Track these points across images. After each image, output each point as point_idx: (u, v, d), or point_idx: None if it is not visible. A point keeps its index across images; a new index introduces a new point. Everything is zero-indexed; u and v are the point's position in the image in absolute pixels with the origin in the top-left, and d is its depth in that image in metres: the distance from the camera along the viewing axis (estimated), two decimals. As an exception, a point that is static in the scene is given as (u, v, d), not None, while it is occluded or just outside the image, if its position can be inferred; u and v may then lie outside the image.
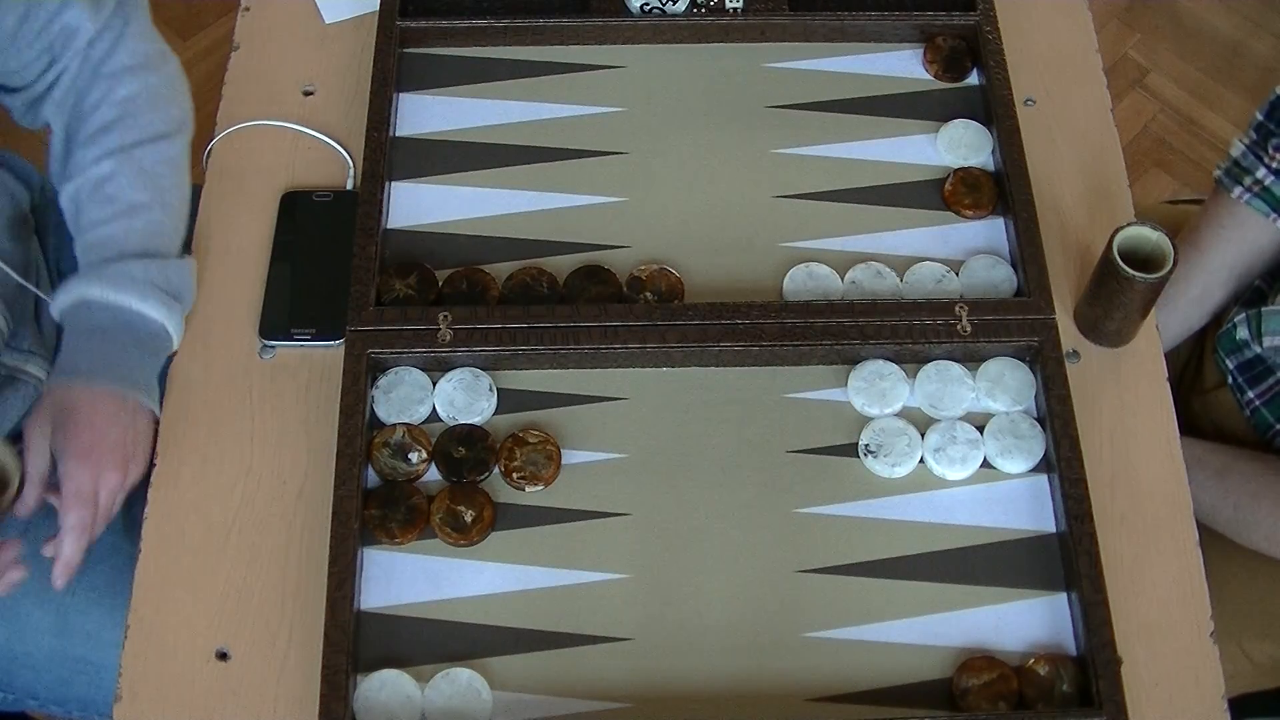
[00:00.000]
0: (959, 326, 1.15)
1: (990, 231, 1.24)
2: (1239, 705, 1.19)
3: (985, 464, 1.13)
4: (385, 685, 1.03)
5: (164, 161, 1.19)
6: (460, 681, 1.03)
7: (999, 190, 1.25)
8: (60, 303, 1.13)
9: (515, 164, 1.27)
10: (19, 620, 1.22)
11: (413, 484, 1.11)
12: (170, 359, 1.17)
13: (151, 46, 1.22)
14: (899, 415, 1.15)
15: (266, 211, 1.25)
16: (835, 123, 1.30)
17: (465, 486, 1.10)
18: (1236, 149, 1.34)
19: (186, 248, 1.21)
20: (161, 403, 1.16)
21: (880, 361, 1.16)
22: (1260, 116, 1.32)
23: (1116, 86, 2.31)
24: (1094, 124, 1.31)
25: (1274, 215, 1.31)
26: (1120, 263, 1.10)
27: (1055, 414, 1.11)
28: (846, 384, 1.16)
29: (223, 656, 1.05)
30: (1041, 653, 1.05)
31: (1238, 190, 1.32)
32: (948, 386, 1.16)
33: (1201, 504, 1.25)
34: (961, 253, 1.23)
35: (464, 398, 1.14)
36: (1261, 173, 1.31)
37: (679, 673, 1.04)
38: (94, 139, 1.18)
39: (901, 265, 1.21)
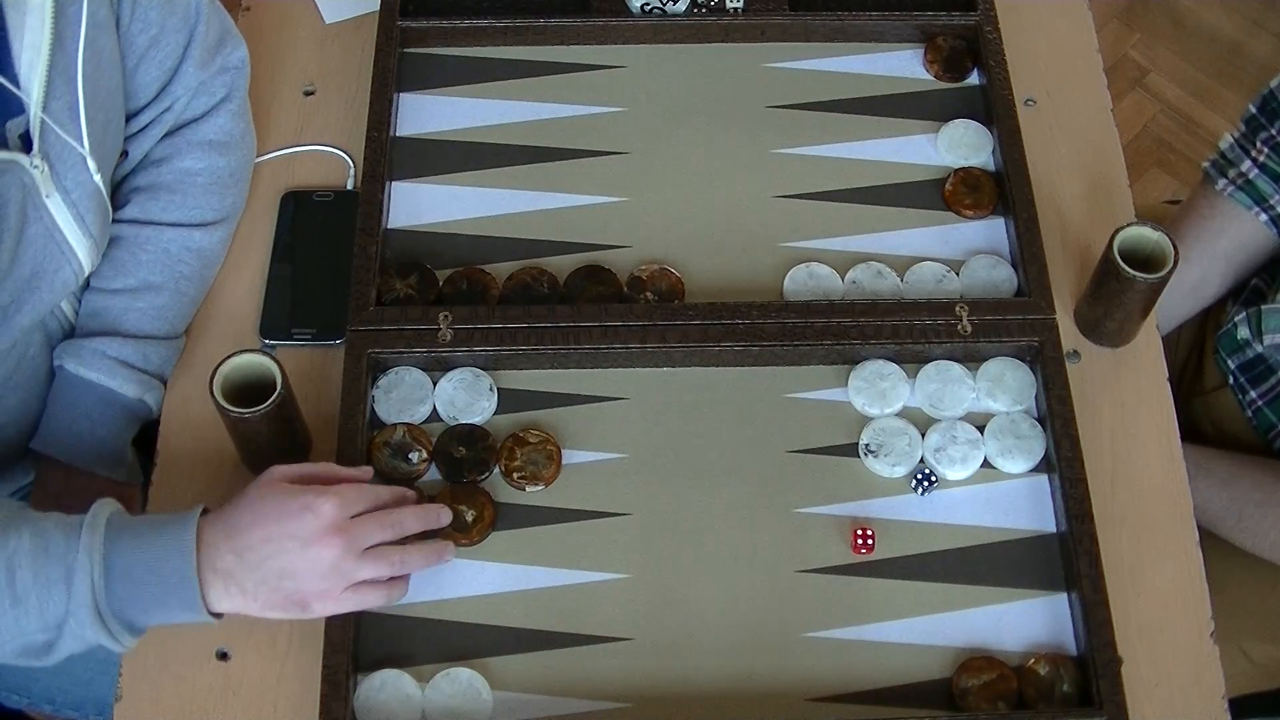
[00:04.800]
0: (959, 326, 1.15)
1: (990, 231, 1.24)
2: (1239, 705, 1.19)
3: (985, 464, 1.13)
4: (385, 685, 1.03)
5: (192, 250, 1.17)
6: (460, 681, 1.03)
7: (999, 190, 1.25)
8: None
9: (515, 164, 1.27)
10: None
11: (413, 483, 1.11)
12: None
13: (238, 126, 1.21)
14: (899, 415, 1.15)
15: (267, 211, 1.25)
16: (835, 123, 1.30)
17: (466, 486, 1.10)
18: (1225, 142, 1.35)
19: None
20: (163, 400, 1.16)
21: (880, 361, 1.16)
22: (1253, 109, 1.33)
23: (1116, 86, 2.31)
24: (1094, 124, 1.31)
25: (1256, 209, 1.31)
26: (1121, 263, 1.10)
27: (1055, 414, 1.11)
28: (846, 384, 1.16)
29: (223, 656, 1.05)
30: (1041, 653, 1.05)
31: (1221, 182, 1.33)
32: (948, 386, 1.15)
33: (1207, 512, 1.25)
34: (962, 253, 1.23)
35: (464, 397, 1.14)
36: (1246, 165, 1.31)
37: (679, 673, 1.04)
38: (136, 196, 1.17)
39: (902, 265, 1.21)
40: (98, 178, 1.08)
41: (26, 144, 1.01)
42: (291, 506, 0.96)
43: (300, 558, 0.95)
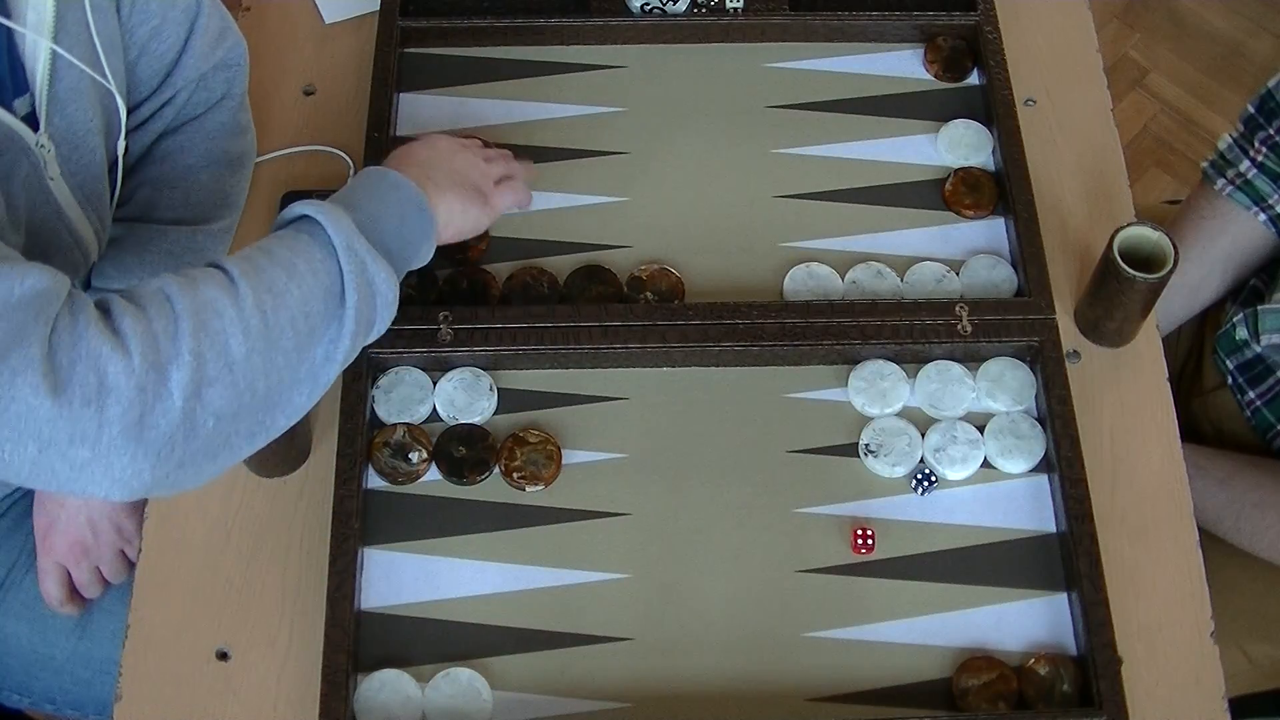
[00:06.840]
0: (959, 326, 1.15)
1: (990, 231, 1.24)
2: (1239, 706, 1.19)
3: (985, 464, 1.13)
4: (385, 685, 1.03)
5: (195, 249, 1.17)
6: (460, 681, 1.03)
7: (999, 190, 1.25)
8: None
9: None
10: (42, 621, 1.21)
11: (413, 484, 1.11)
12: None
13: (239, 123, 1.21)
14: (899, 415, 1.15)
15: (267, 211, 1.25)
16: (835, 123, 1.30)
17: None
18: (1224, 142, 1.35)
19: None
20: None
21: (880, 361, 1.16)
22: (1251, 109, 1.33)
23: (1116, 86, 2.31)
24: (1094, 124, 1.31)
25: (1255, 208, 1.31)
26: (1121, 263, 1.10)
27: (1055, 414, 1.11)
28: (846, 384, 1.16)
29: (223, 656, 1.05)
30: (1041, 653, 1.05)
31: (1220, 182, 1.33)
32: (948, 386, 1.16)
33: (1206, 512, 1.25)
34: (962, 253, 1.23)
35: (464, 397, 1.14)
36: (1245, 165, 1.31)
37: (679, 673, 1.04)
38: (139, 193, 1.16)
39: (902, 265, 1.21)
40: (122, 142, 1.07)
41: (34, 125, 1.01)
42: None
43: (458, 156, 1.09)
